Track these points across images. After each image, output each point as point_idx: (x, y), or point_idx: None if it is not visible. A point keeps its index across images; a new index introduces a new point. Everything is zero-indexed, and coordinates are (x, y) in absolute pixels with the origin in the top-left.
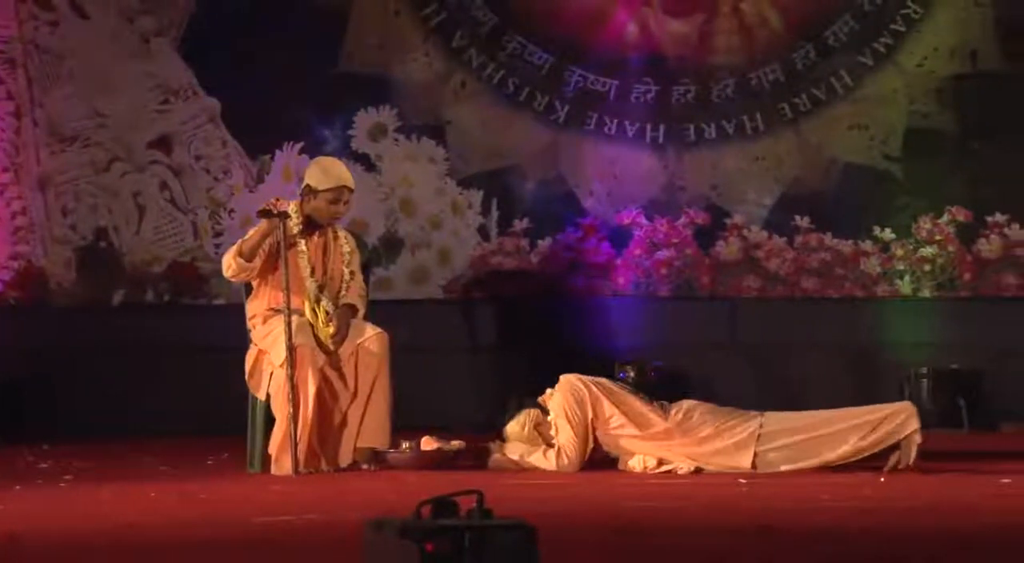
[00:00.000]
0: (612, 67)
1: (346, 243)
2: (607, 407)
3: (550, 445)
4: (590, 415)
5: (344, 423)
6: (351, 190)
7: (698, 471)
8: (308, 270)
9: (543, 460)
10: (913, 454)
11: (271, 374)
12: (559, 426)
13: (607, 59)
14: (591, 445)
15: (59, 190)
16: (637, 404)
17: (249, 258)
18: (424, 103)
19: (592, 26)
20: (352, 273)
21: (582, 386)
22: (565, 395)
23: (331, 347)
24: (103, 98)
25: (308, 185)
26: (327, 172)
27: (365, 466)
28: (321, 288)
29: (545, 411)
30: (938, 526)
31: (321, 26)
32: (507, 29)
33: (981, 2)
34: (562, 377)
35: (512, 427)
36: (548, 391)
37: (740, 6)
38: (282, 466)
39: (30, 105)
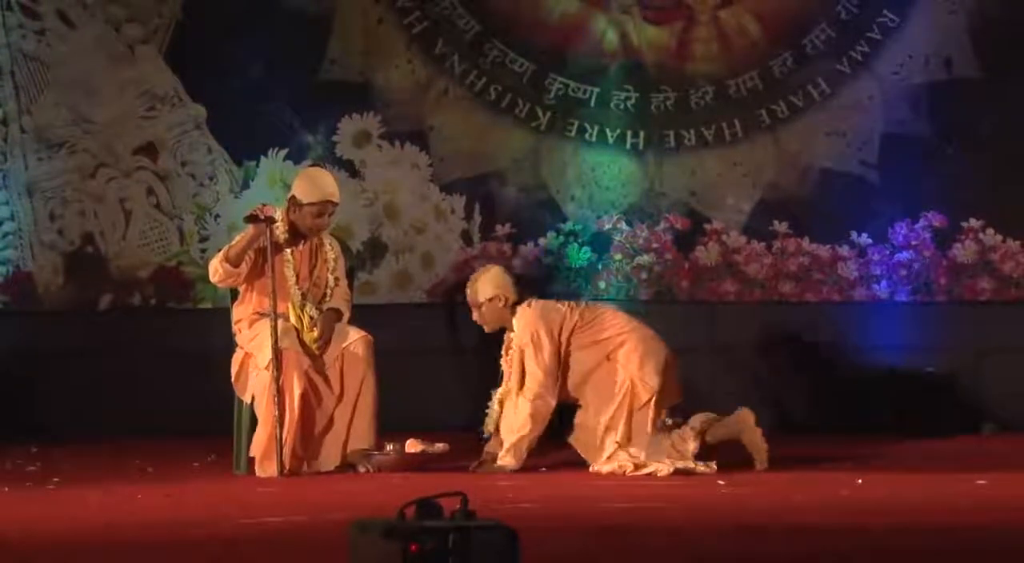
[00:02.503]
0: (592, 74)
1: (331, 249)
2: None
3: None
4: (562, 335)
5: (328, 427)
6: (336, 204)
7: (679, 473)
8: (293, 277)
9: (522, 411)
10: (763, 456)
11: (256, 376)
12: (525, 362)
13: (587, 67)
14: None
15: (46, 196)
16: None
17: (236, 263)
18: (407, 110)
19: (572, 34)
20: (337, 279)
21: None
22: (527, 317)
23: (316, 351)
24: (89, 105)
25: (294, 196)
26: (314, 185)
27: (361, 469)
28: (304, 295)
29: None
30: (915, 526)
31: (305, 34)
32: (489, 37)
33: (956, 10)
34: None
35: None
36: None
37: (718, 14)
38: (266, 468)
39: (17, 112)
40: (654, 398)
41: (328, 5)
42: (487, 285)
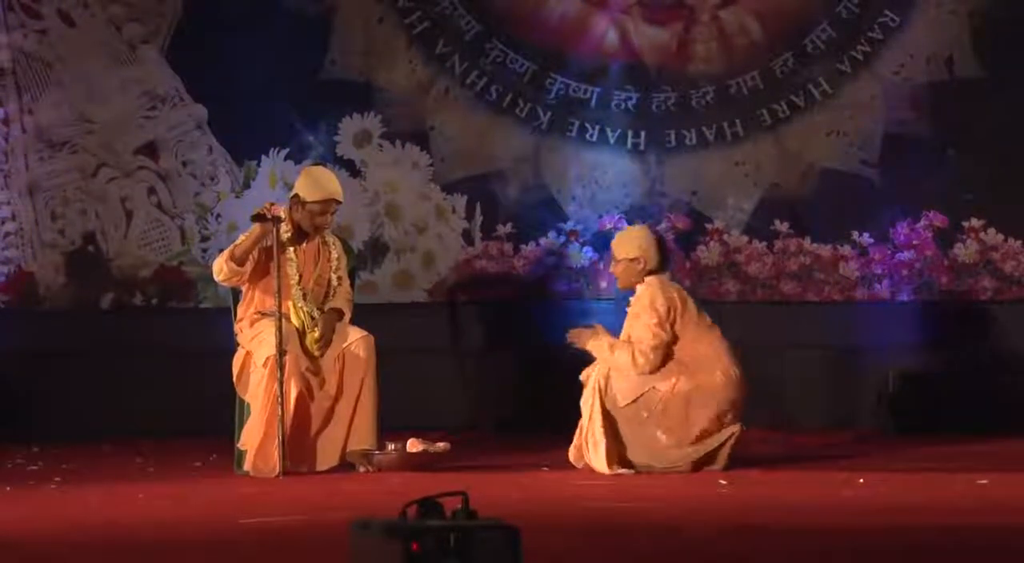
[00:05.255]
0: (593, 75)
1: (334, 248)
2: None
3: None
4: (676, 315)
5: (323, 427)
6: (339, 202)
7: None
8: (296, 277)
9: (625, 358)
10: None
11: (254, 372)
12: (639, 325)
13: (588, 67)
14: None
15: (48, 195)
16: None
17: (241, 262)
18: (408, 109)
19: (573, 34)
20: (340, 278)
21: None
22: (653, 287)
23: (316, 352)
24: (91, 105)
25: (297, 195)
26: (317, 183)
27: (361, 468)
28: (306, 294)
29: None
30: (915, 525)
31: (306, 34)
32: (490, 37)
33: (957, 10)
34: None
35: None
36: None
37: (719, 14)
38: (260, 468)
39: (19, 112)
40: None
41: (329, 5)
42: (632, 244)
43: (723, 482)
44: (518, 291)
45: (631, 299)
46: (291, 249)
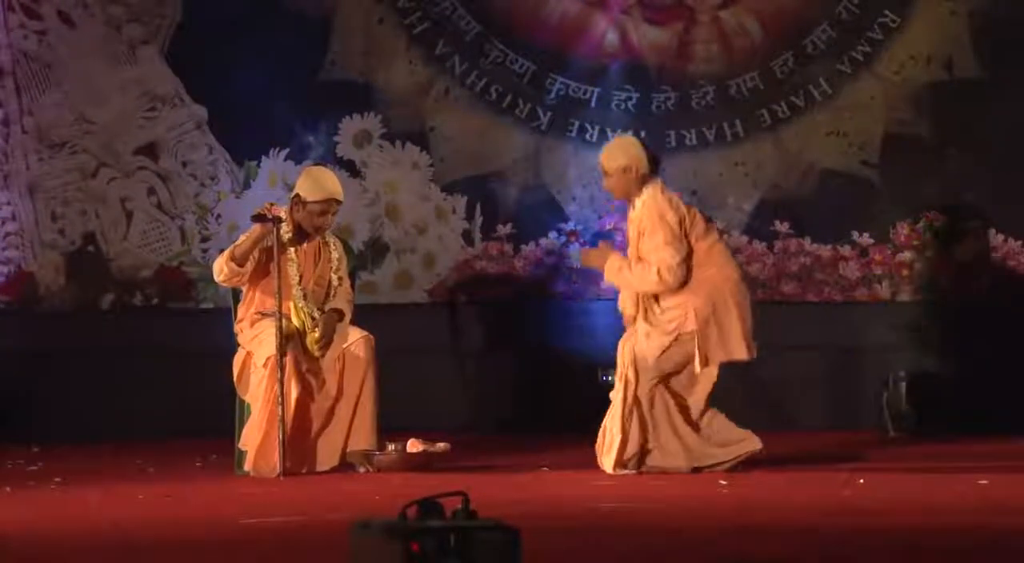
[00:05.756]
0: (593, 75)
1: (335, 249)
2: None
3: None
4: (685, 219)
5: (323, 427)
6: (340, 202)
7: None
8: (297, 277)
9: (646, 274)
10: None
11: (254, 372)
12: (655, 243)
13: (588, 67)
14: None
15: (48, 196)
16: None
17: (241, 263)
18: (408, 110)
19: (573, 35)
20: (340, 279)
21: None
22: (657, 199)
23: (316, 353)
24: (91, 105)
25: (298, 195)
26: (318, 183)
27: (361, 469)
28: (307, 294)
29: None
30: (916, 526)
31: (306, 34)
32: (490, 37)
33: (957, 11)
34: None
35: None
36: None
37: (719, 15)
38: (260, 468)
39: (19, 112)
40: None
41: (329, 5)
42: (620, 153)
43: (723, 482)
44: (518, 291)
45: (631, 215)
46: (291, 249)
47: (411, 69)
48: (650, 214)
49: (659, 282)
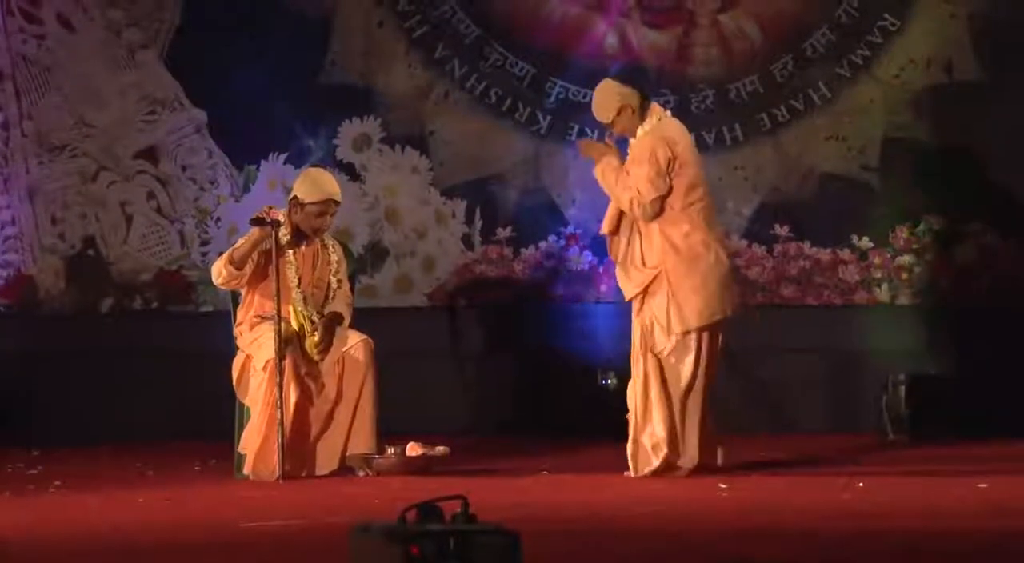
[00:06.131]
0: (593, 78)
1: (334, 252)
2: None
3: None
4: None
5: (322, 431)
6: (338, 203)
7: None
8: (296, 280)
9: (625, 199)
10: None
11: (253, 376)
12: (639, 174)
13: (588, 70)
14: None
15: (48, 199)
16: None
17: (240, 266)
18: (408, 113)
19: (573, 38)
20: (339, 281)
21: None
22: (653, 135)
23: (315, 357)
24: (90, 109)
25: (296, 196)
26: (315, 184)
27: (361, 473)
28: (306, 297)
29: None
30: (915, 529)
31: (305, 38)
32: (489, 40)
33: (957, 14)
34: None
35: None
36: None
37: (719, 18)
38: (259, 472)
39: (18, 116)
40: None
41: (328, 8)
42: (609, 101)
43: (723, 486)
44: (518, 295)
45: (631, 142)
46: (290, 252)
47: (411, 72)
48: (642, 147)
49: (629, 210)
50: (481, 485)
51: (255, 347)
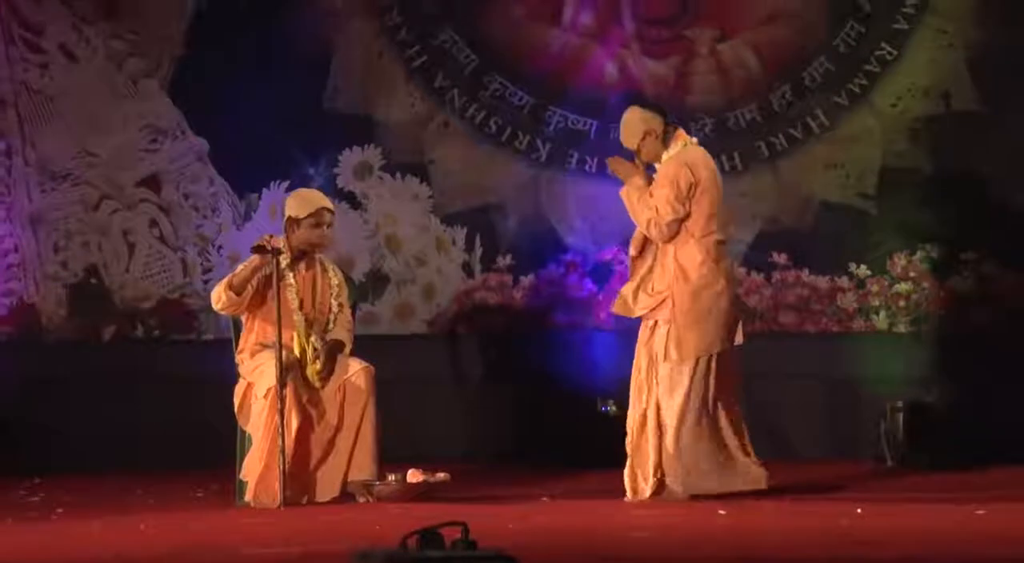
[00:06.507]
0: (592, 107)
1: (335, 276)
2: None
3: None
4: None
5: (324, 458)
6: (331, 211)
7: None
8: (297, 303)
9: (643, 219)
10: None
11: (255, 403)
12: (660, 195)
13: (587, 99)
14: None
15: (50, 228)
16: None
17: (239, 292)
18: (408, 142)
19: (572, 67)
20: (340, 305)
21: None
22: (678, 160)
23: (317, 384)
24: (93, 138)
25: (290, 216)
26: (304, 199)
27: (361, 499)
28: (310, 323)
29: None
30: (913, 556)
31: (306, 68)
32: (489, 70)
33: (954, 43)
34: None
35: None
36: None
37: (717, 48)
38: (261, 499)
39: (21, 144)
40: None
41: (329, 39)
42: (634, 127)
43: (722, 512)
44: (518, 322)
45: (657, 166)
46: (291, 274)
47: (411, 102)
48: (666, 170)
49: (646, 229)
50: (481, 511)
51: (257, 374)
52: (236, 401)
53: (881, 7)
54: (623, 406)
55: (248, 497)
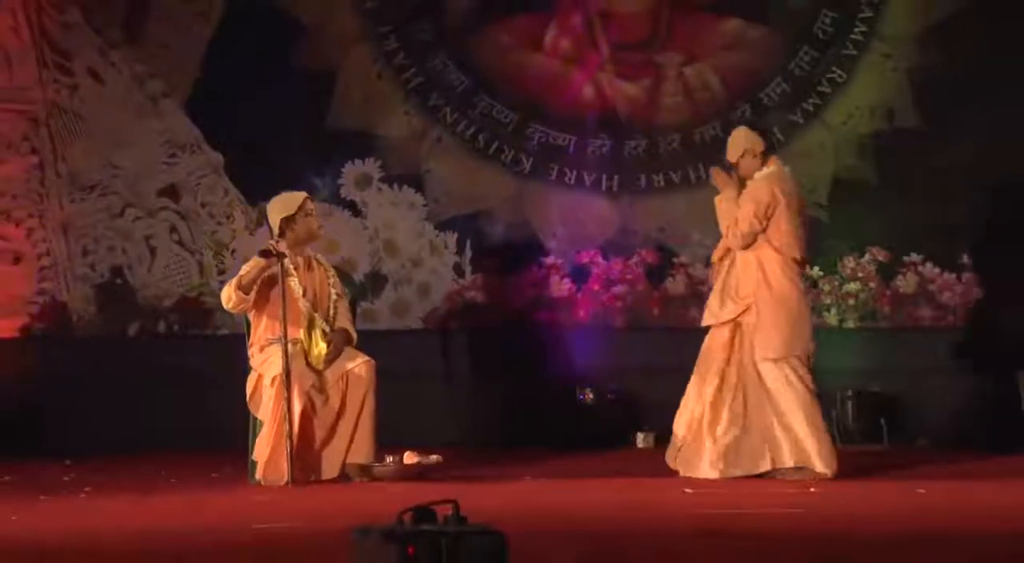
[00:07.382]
0: (571, 124)
1: (327, 267)
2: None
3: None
4: (773, 211)
5: (327, 440)
6: (311, 199)
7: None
8: (301, 291)
9: (726, 220)
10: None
11: (264, 391)
12: (744, 209)
13: (566, 117)
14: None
15: (79, 233)
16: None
17: (247, 291)
18: (405, 155)
19: (553, 88)
20: (338, 294)
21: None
22: (765, 181)
23: (319, 366)
24: (118, 152)
25: (284, 217)
26: (287, 199)
27: (357, 479)
28: (314, 308)
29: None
30: (859, 531)
31: (312, 88)
32: (478, 91)
33: (898, 67)
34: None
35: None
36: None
37: (684, 71)
38: (269, 477)
39: (53, 158)
40: None
41: (332, 62)
42: (736, 145)
43: (688, 490)
44: (504, 319)
45: (748, 183)
46: (291, 266)
47: (407, 119)
48: (755, 187)
49: (725, 235)
50: (471, 490)
51: (265, 366)
52: (248, 390)
53: (832, 34)
54: (600, 394)
55: (259, 476)
